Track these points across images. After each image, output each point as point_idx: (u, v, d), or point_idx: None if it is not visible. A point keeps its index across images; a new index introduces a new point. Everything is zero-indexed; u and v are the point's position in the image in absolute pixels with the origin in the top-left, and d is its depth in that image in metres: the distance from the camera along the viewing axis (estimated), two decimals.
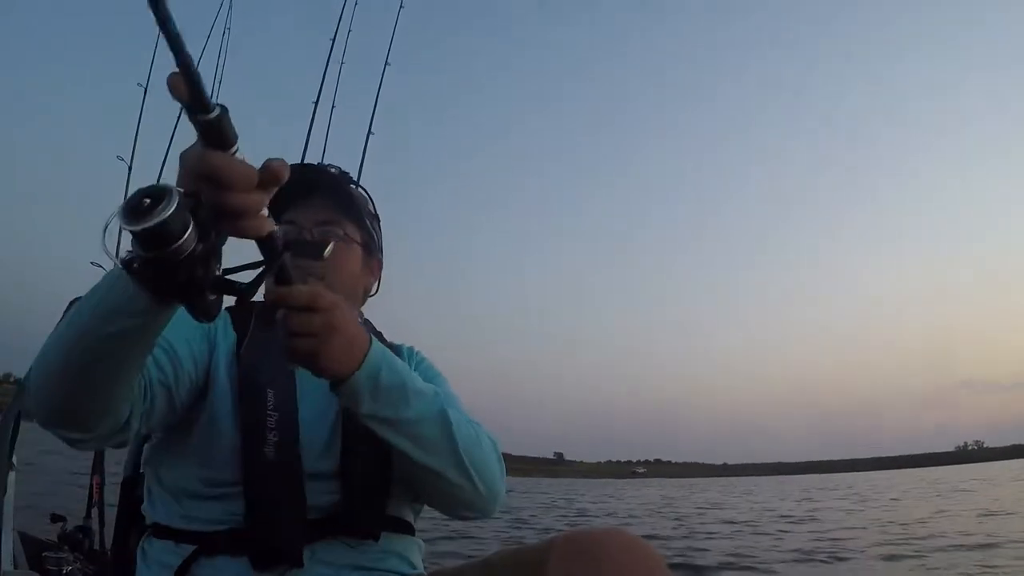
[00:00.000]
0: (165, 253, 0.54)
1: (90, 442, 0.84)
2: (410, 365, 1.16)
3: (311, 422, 1.00)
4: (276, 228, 0.66)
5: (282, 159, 0.62)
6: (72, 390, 0.76)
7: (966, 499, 17.21)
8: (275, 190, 0.62)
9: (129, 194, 0.53)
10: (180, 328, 0.99)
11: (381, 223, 1.24)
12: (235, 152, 0.56)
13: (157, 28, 0.47)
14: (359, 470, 0.99)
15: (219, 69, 3.15)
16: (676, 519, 13.26)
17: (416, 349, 1.25)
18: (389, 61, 2.93)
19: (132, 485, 1.20)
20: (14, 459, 2.01)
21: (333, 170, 1.19)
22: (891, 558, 6.90)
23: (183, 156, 0.58)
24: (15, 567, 1.95)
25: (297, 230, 1.09)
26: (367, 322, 1.21)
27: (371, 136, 2.69)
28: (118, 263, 0.57)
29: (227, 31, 3.32)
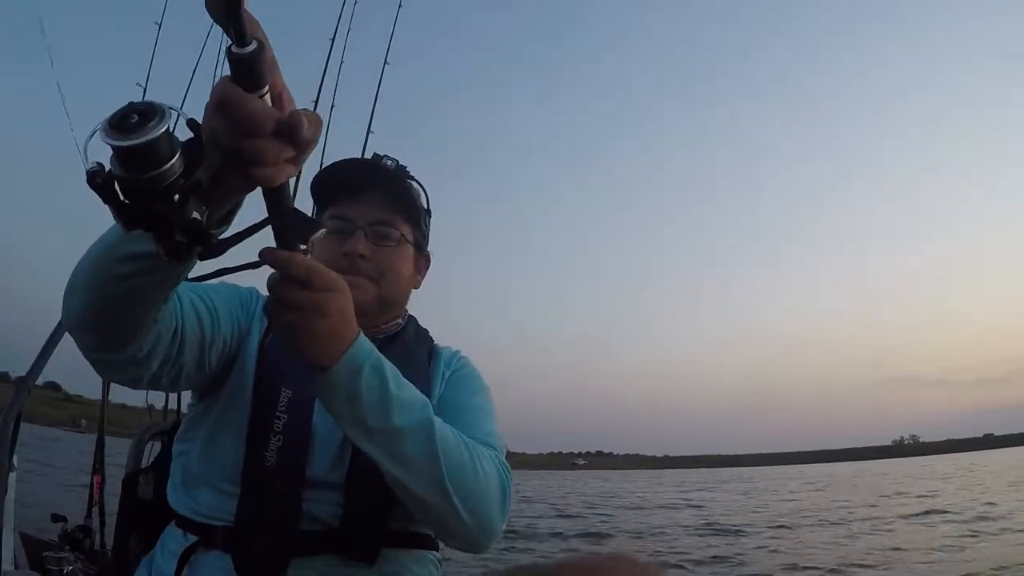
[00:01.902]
0: (142, 178, 0.48)
1: (109, 366, 0.81)
2: (445, 371, 1.12)
3: (325, 428, 0.95)
4: (287, 184, 0.60)
5: (315, 114, 0.56)
6: (87, 305, 0.73)
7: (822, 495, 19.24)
8: (305, 146, 0.56)
9: None
10: (228, 292, 1.00)
11: (431, 217, 1.17)
12: (263, 95, 0.52)
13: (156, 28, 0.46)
14: (366, 483, 0.93)
15: (219, 67, 3.15)
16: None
17: (462, 355, 1.18)
18: (388, 60, 2.93)
19: (134, 483, 1.19)
20: (15, 459, 2.02)
21: (390, 163, 1.11)
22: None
23: (215, 86, 0.53)
24: (16, 567, 1.95)
25: (342, 234, 1.04)
26: (411, 319, 1.17)
27: (371, 135, 2.69)
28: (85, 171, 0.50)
29: None
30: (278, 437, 0.93)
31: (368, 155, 1.18)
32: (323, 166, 1.16)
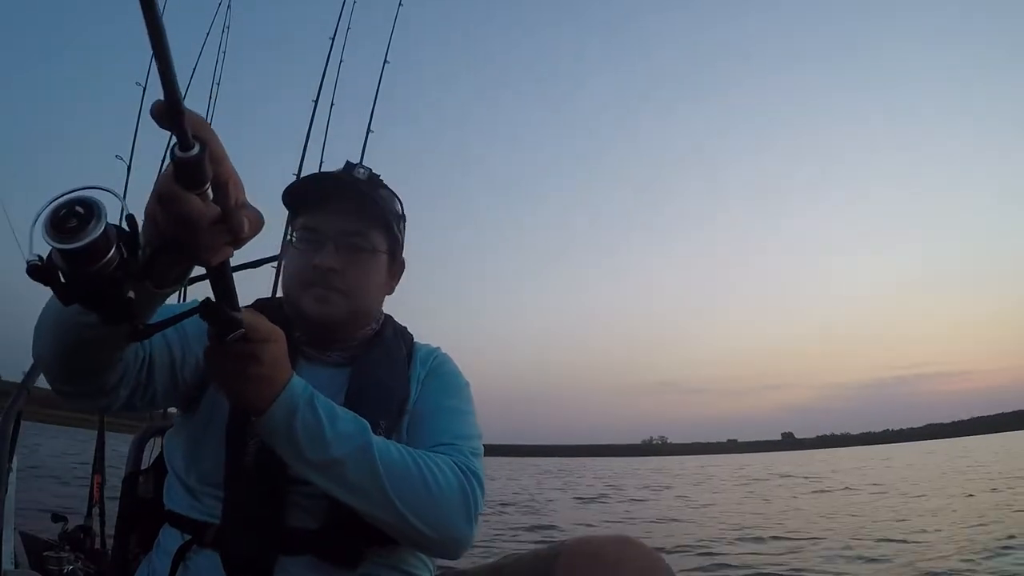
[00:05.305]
0: (86, 272, 0.53)
1: (76, 397, 0.85)
2: (421, 372, 1.12)
3: None
4: (227, 261, 0.65)
5: (257, 214, 0.62)
6: (50, 349, 0.79)
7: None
8: (243, 241, 0.62)
9: (61, 200, 0.51)
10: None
11: (406, 221, 1.17)
12: (204, 191, 0.56)
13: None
14: None
15: (219, 65, 3.15)
16: None
17: (441, 352, 1.19)
18: (388, 59, 2.94)
19: (134, 482, 1.19)
20: (15, 459, 2.01)
21: (362, 173, 1.11)
22: None
23: (159, 177, 0.57)
24: (16, 567, 1.95)
25: (312, 244, 1.06)
26: (388, 320, 1.18)
27: (371, 133, 2.69)
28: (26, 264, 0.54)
29: (226, 29, 3.32)
30: (255, 439, 0.94)
31: (368, 153, 1.19)
32: (300, 173, 1.16)
